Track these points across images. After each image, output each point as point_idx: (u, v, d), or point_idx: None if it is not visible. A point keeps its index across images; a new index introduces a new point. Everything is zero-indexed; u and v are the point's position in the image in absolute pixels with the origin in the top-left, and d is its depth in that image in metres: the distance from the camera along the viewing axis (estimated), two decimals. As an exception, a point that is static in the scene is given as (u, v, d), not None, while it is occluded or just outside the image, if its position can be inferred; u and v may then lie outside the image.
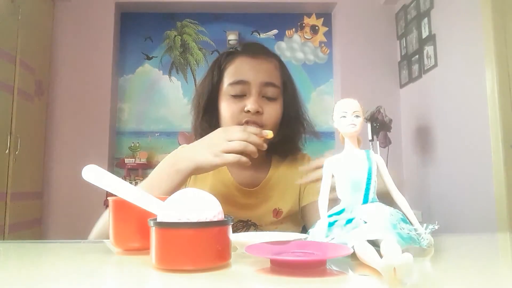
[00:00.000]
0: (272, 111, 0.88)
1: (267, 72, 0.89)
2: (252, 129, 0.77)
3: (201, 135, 0.88)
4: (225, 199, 0.86)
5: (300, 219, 0.95)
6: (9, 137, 2.61)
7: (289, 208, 0.91)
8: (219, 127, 0.87)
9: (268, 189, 0.93)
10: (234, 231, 0.88)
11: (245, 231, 0.89)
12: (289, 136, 0.92)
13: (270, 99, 0.88)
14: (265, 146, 0.77)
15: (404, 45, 3.31)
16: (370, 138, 2.90)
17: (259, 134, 0.77)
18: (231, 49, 0.95)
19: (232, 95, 0.88)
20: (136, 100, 3.56)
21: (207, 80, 0.93)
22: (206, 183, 0.93)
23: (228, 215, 0.48)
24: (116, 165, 3.45)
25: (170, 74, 3.59)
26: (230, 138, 0.74)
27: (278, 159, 0.96)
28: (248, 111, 0.85)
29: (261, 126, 0.85)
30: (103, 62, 3.37)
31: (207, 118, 0.93)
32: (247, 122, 0.85)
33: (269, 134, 0.80)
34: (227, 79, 0.90)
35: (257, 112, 0.85)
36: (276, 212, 0.90)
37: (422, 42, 2.98)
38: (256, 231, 0.88)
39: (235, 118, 0.86)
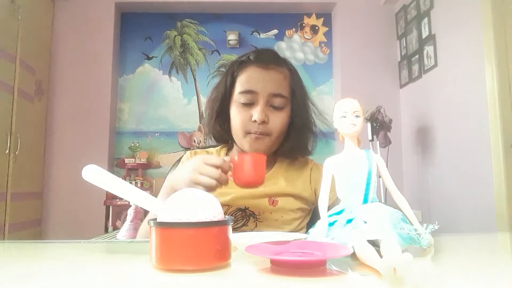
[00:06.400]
0: (278, 120, 0.95)
1: (276, 83, 0.96)
2: (225, 164, 0.81)
3: (214, 136, 1.05)
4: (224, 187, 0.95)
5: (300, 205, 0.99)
6: (9, 137, 2.61)
7: (285, 200, 0.97)
8: (230, 130, 0.99)
9: (267, 181, 0.97)
10: (234, 221, 0.90)
11: (244, 222, 0.94)
12: (296, 141, 1.00)
13: (277, 108, 0.95)
14: (228, 181, 0.80)
15: (404, 45, 3.31)
16: (370, 138, 2.90)
17: (224, 176, 0.79)
18: (244, 57, 1.01)
19: (242, 103, 0.95)
20: (136, 100, 3.56)
21: (221, 86, 1.02)
22: None
23: (229, 216, 0.48)
24: (116, 165, 3.45)
25: (170, 74, 3.59)
26: (201, 172, 0.78)
27: (284, 159, 1.04)
28: (255, 121, 0.93)
29: (267, 135, 0.94)
30: (103, 62, 3.37)
31: (220, 122, 1.02)
32: (255, 133, 0.93)
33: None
34: (238, 87, 0.97)
35: (263, 122, 0.93)
36: (272, 201, 0.97)
37: (422, 42, 2.98)
38: (255, 222, 0.94)
39: (243, 126, 0.95)
